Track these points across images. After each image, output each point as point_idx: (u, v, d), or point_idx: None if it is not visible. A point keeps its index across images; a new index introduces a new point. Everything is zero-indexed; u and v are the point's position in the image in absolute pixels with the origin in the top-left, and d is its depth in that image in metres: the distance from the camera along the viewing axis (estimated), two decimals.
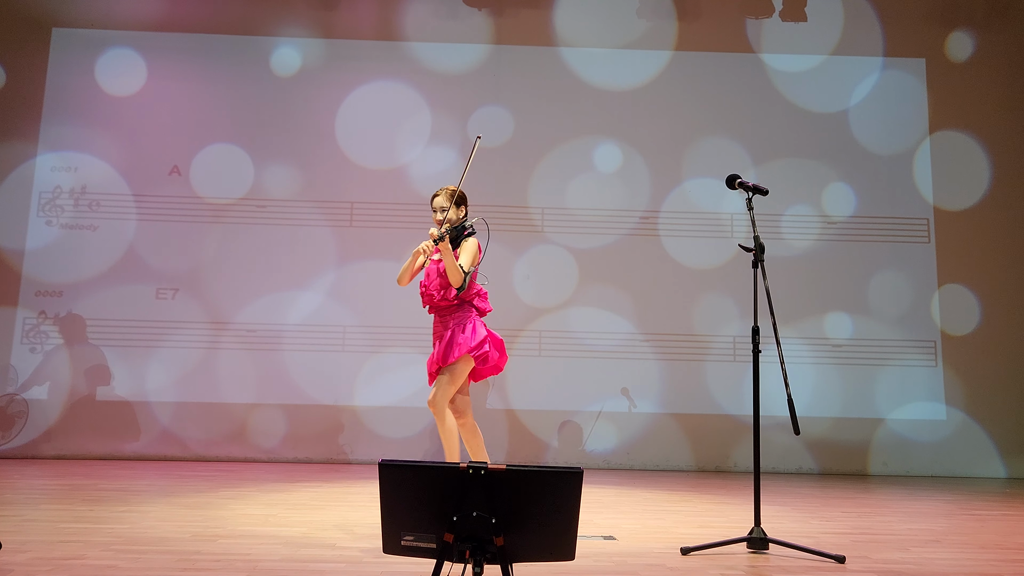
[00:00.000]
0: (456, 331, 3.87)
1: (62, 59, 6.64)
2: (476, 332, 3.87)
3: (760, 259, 3.18)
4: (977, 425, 6.41)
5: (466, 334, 3.86)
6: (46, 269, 6.36)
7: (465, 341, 3.83)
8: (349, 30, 6.78)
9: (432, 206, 3.97)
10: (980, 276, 6.61)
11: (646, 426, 6.37)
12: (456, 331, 3.87)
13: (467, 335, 3.85)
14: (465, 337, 3.85)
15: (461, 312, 3.91)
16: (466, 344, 3.82)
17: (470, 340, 3.83)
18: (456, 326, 3.88)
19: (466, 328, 3.87)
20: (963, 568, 2.92)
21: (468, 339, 3.83)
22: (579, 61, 6.81)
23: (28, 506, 3.83)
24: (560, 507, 1.93)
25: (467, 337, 3.84)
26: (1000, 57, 6.89)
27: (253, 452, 6.20)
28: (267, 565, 2.70)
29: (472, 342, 3.83)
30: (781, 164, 6.71)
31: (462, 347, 3.82)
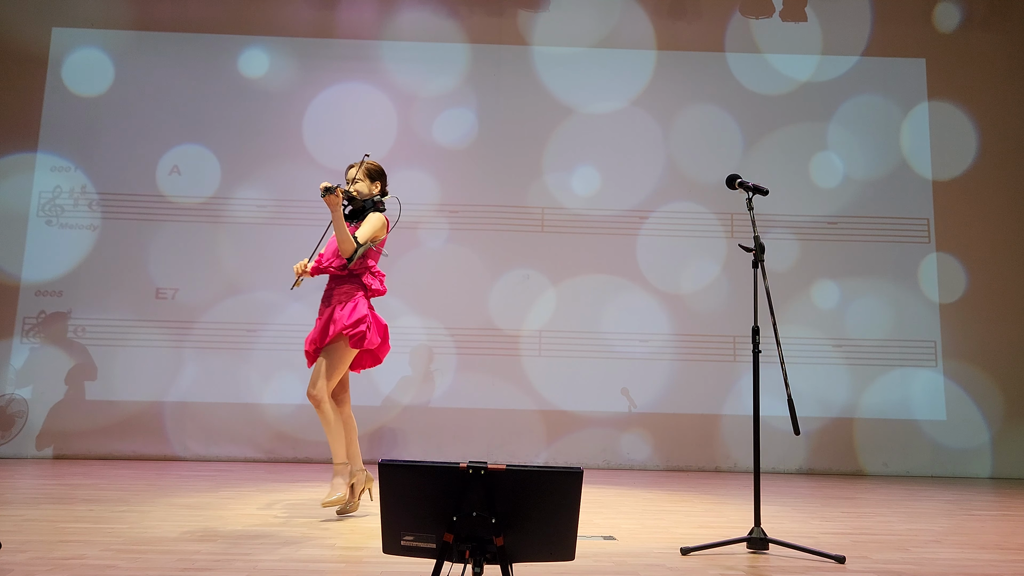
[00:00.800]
0: (336, 308, 3.61)
1: (62, 59, 6.64)
2: (356, 310, 3.60)
3: (760, 259, 3.18)
4: (977, 425, 6.41)
5: (344, 311, 3.59)
6: (46, 269, 6.36)
7: (340, 319, 3.57)
8: (350, 30, 6.78)
9: (346, 175, 3.80)
10: (981, 276, 6.61)
11: (646, 426, 6.37)
12: (336, 308, 3.61)
13: (345, 312, 3.58)
14: (342, 314, 3.58)
15: (349, 286, 3.66)
16: (341, 322, 3.56)
17: (346, 319, 3.56)
18: (338, 303, 3.62)
19: (346, 305, 3.61)
20: (963, 568, 2.92)
21: (344, 317, 3.57)
22: (579, 61, 6.80)
23: (28, 506, 3.83)
24: (560, 507, 1.93)
25: (344, 314, 3.58)
26: (1001, 57, 6.89)
27: (253, 452, 6.21)
28: (267, 565, 2.70)
29: (348, 320, 3.56)
30: (781, 164, 6.71)
31: (338, 324, 3.56)
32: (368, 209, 3.74)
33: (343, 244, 3.57)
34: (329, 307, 3.65)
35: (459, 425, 6.30)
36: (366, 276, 3.69)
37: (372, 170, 3.80)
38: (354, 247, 3.58)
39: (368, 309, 3.65)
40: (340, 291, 3.65)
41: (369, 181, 3.78)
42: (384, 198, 3.82)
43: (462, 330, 6.42)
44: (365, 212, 3.74)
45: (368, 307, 3.66)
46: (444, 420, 6.31)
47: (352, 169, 3.80)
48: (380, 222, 3.71)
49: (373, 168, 3.80)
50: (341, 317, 3.57)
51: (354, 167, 3.80)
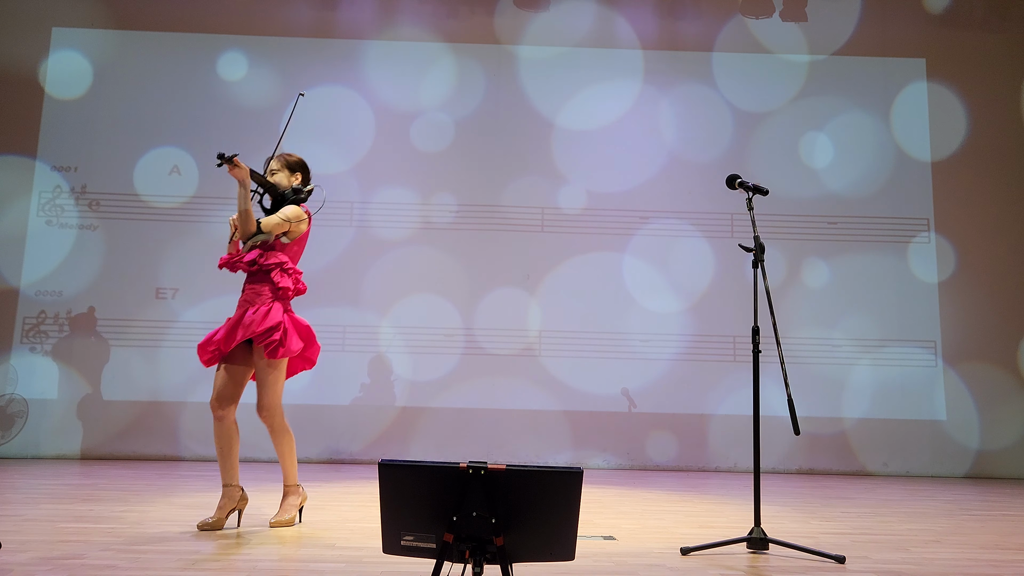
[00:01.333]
0: (248, 310, 3.31)
1: (62, 59, 6.64)
2: (268, 316, 3.28)
3: (760, 259, 3.18)
4: (977, 425, 6.41)
5: (256, 316, 3.27)
6: (46, 269, 6.36)
7: (251, 324, 3.25)
8: (349, 30, 6.78)
9: (266, 167, 3.55)
10: (980, 276, 6.61)
11: (646, 426, 6.37)
12: (248, 310, 3.31)
13: (256, 317, 3.26)
14: (253, 319, 3.26)
15: (260, 285, 3.35)
16: (251, 328, 3.24)
17: (257, 325, 3.24)
18: (250, 304, 3.32)
19: (259, 309, 3.29)
20: (963, 568, 2.92)
21: (255, 322, 3.25)
22: (579, 61, 6.81)
23: (28, 506, 3.83)
24: (560, 507, 1.93)
25: (255, 319, 3.26)
26: (1001, 57, 6.89)
27: (253, 452, 6.20)
28: (267, 565, 2.70)
29: (259, 327, 3.24)
30: (781, 164, 6.71)
31: (246, 330, 3.24)
32: (288, 201, 3.46)
33: (244, 226, 3.30)
34: (241, 308, 3.36)
35: (459, 425, 6.30)
36: (275, 273, 3.36)
37: (292, 162, 3.56)
38: (253, 229, 3.30)
39: (283, 313, 3.34)
40: (254, 291, 3.35)
41: (288, 172, 3.53)
42: (307, 188, 3.55)
43: (462, 330, 6.42)
44: (284, 204, 3.46)
45: (283, 310, 3.35)
46: (444, 420, 6.31)
47: (273, 160, 3.55)
48: (294, 214, 3.40)
49: (294, 160, 3.57)
50: (252, 322, 3.26)
51: (277, 157, 3.55)
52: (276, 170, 3.51)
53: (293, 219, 3.41)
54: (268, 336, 3.27)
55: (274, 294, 3.36)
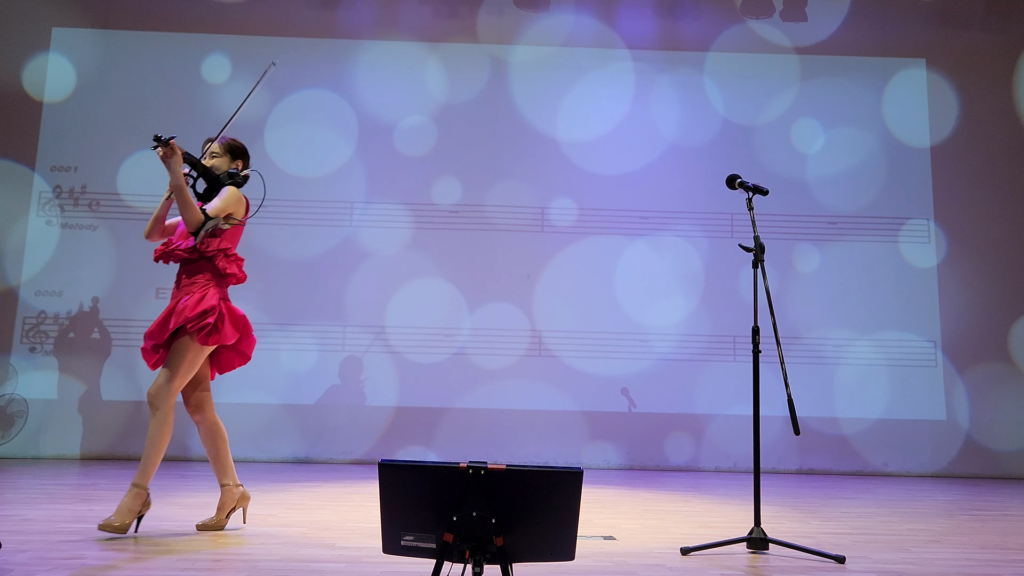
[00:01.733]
0: (182, 297, 3.10)
1: (62, 59, 6.64)
2: (203, 300, 3.09)
3: (760, 259, 3.18)
4: (977, 425, 6.41)
5: (189, 301, 3.08)
6: (46, 269, 6.36)
7: (183, 310, 3.05)
8: (349, 30, 6.78)
9: (204, 150, 3.34)
10: (980, 276, 6.61)
11: (646, 426, 6.37)
12: (182, 297, 3.10)
13: (190, 302, 3.07)
14: (186, 304, 3.07)
15: (198, 271, 3.16)
16: (183, 314, 3.04)
17: (190, 310, 3.05)
18: (186, 292, 3.12)
19: (193, 295, 3.10)
20: (963, 568, 2.92)
21: (188, 307, 3.06)
22: (579, 61, 6.81)
23: (28, 506, 3.83)
24: (560, 507, 1.93)
25: (188, 304, 3.07)
26: (1001, 56, 6.89)
27: (253, 452, 6.20)
28: (267, 565, 2.70)
29: (192, 312, 3.04)
30: (781, 164, 6.71)
31: (178, 317, 3.04)
32: (224, 184, 3.25)
33: (187, 214, 3.06)
34: (177, 297, 3.14)
35: (459, 425, 6.30)
36: (220, 259, 3.17)
37: (234, 147, 3.36)
38: (200, 219, 3.09)
39: (219, 299, 3.14)
40: (190, 278, 3.15)
41: (230, 158, 3.33)
42: (244, 172, 3.34)
43: (462, 330, 6.42)
44: (220, 189, 3.25)
45: (220, 297, 3.15)
46: (444, 420, 6.31)
47: (212, 142, 3.34)
48: (235, 197, 3.22)
49: (237, 146, 3.37)
50: (185, 307, 3.05)
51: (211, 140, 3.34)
52: (217, 154, 3.32)
53: (233, 202, 3.22)
54: (201, 320, 3.06)
55: (215, 280, 3.17)
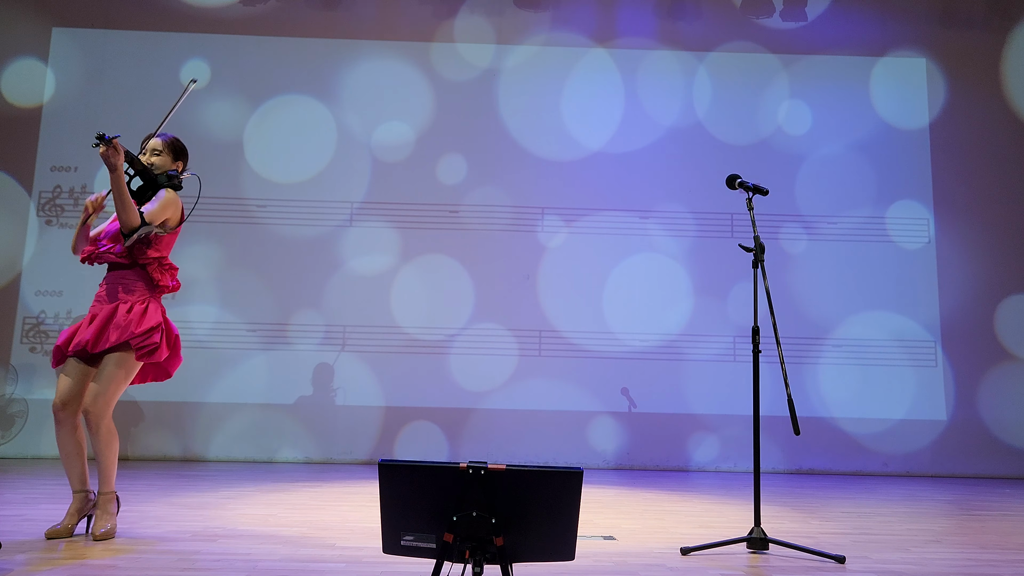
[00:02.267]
0: (121, 307, 3.01)
1: (62, 59, 6.64)
2: (148, 316, 3.02)
3: (760, 259, 3.18)
4: (977, 425, 6.41)
5: (132, 315, 2.99)
6: (46, 269, 6.36)
7: (128, 324, 2.96)
8: (348, 30, 6.78)
9: (143, 147, 3.22)
10: (980, 276, 6.61)
11: (646, 426, 6.37)
12: (121, 307, 3.01)
13: (133, 316, 2.99)
14: (129, 318, 2.97)
15: (133, 280, 3.07)
16: (128, 329, 2.95)
17: (135, 325, 2.97)
18: (122, 302, 3.02)
19: (134, 307, 3.02)
20: (963, 568, 2.92)
21: (133, 321, 2.97)
22: (579, 61, 6.81)
23: (28, 506, 3.83)
24: (560, 507, 1.93)
25: (131, 319, 2.98)
26: (1001, 56, 6.89)
27: (253, 452, 6.20)
28: (267, 565, 2.70)
29: (137, 327, 2.97)
30: (781, 164, 6.71)
31: (122, 331, 2.95)
32: (162, 186, 3.14)
33: (124, 214, 2.93)
34: (111, 304, 3.03)
35: (460, 425, 6.30)
36: (154, 269, 3.10)
37: (177, 147, 3.26)
38: (137, 222, 2.97)
39: (161, 314, 3.11)
40: (124, 286, 3.05)
41: (172, 157, 3.23)
42: (183, 174, 3.25)
43: (462, 330, 6.42)
44: (156, 189, 3.13)
45: (161, 311, 3.12)
46: (445, 420, 6.31)
47: (153, 139, 3.23)
48: (173, 200, 3.12)
49: (180, 146, 3.27)
50: (129, 321, 2.97)
51: (152, 137, 3.23)
52: (159, 151, 3.21)
53: (170, 206, 3.12)
54: (148, 337, 3.00)
55: (151, 291, 3.11)
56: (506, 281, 6.50)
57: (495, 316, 6.45)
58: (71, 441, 3.03)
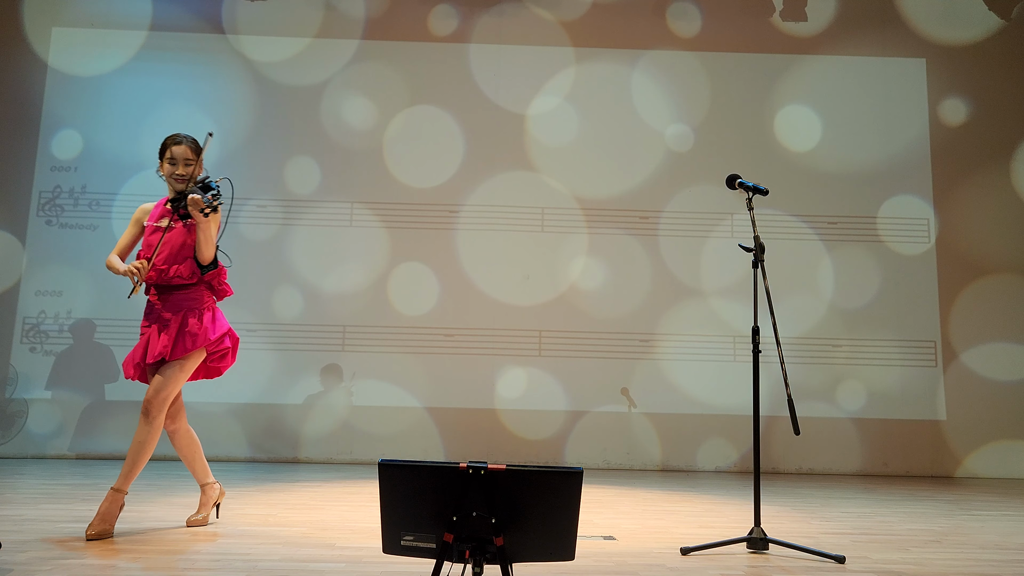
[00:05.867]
0: (189, 317, 3.18)
1: (62, 59, 6.64)
2: (218, 322, 3.24)
3: (760, 259, 3.18)
4: (977, 425, 6.40)
5: (204, 323, 3.19)
6: (46, 269, 6.36)
7: (204, 332, 3.17)
8: (347, 30, 6.78)
9: (172, 155, 3.23)
10: (980, 276, 6.61)
11: (646, 426, 6.37)
12: (189, 317, 3.18)
13: (205, 324, 3.19)
14: (203, 327, 3.18)
15: (195, 293, 3.23)
16: (204, 336, 3.17)
17: (210, 331, 3.19)
18: (189, 311, 3.18)
19: (203, 316, 3.20)
20: (963, 568, 2.92)
21: (208, 329, 3.18)
22: (580, 60, 6.80)
23: (28, 506, 3.83)
24: (560, 507, 1.93)
25: (206, 327, 3.18)
26: (1001, 57, 6.89)
27: (253, 452, 6.20)
28: (267, 565, 2.70)
29: (212, 333, 3.20)
30: (781, 164, 6.71)
31: (199, 338, 3.15)
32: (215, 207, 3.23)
33: (208, 250, 3.18)
34: (178, 315, 3.18)
35: (459, 425, 6.30)
36: (216, 282, 3.31)
37: (198, 148, 3.29)
38: (213, 254, 3.22)
39: (225, 320, 3.32)
40: (189, 300, 3.21)
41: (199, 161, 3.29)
42: (217, 181, 3.31)
43: (462, 330, 6.42)
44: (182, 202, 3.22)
45: (223, 316, 3.33)
46: (444, 420, 6.31)
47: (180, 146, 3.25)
48: (217, 215, 3.25)
49: (198, 145, 3.30)
50: (204, 330, 3.17)
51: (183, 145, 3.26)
52: (191, 160, 3.26)
53: (216, 220, 3.28)
54: (220, 343, 3.26)
55: (213, 299, 3.31)
56: (506, 281, 6.50)
57: (495, 316, 6.45)
58: (182, 444, 3.33)
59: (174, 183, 3.25)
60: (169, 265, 3.19)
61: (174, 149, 3.24)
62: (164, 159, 3.29)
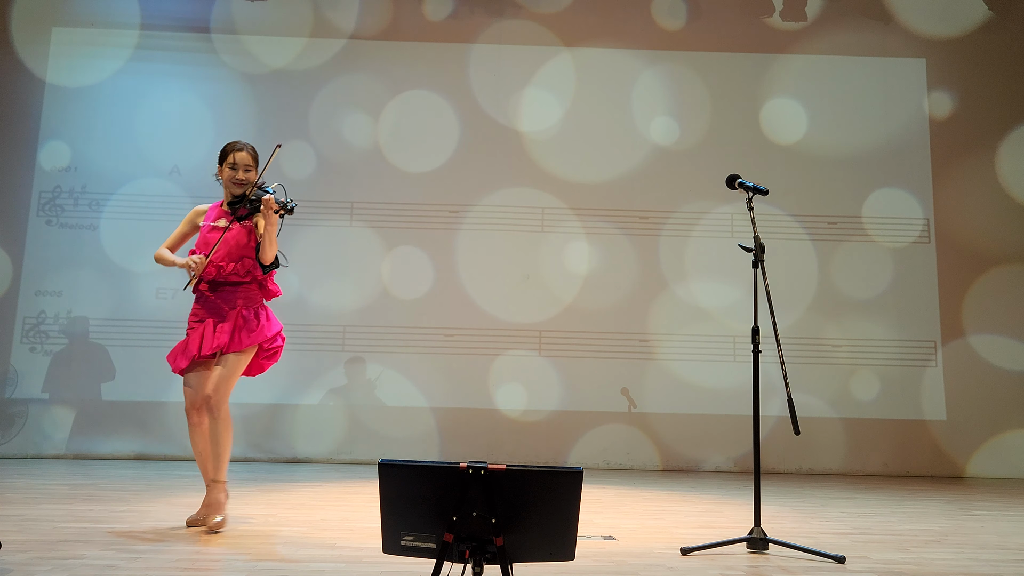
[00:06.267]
0: (248, 314, 3.35)
1: (62, 59, 6.64)
2: (272, 321, 3.42)
3: (760, 259, 3.18)
4: (977, 425, 6.40)
5: (261, 321, 3.37)
6: (46, 269, 6.36)
7: (261, 329, 3.34)
8: (347, 30, 6.78)
9: (234, 161, 3.39)
10: (980, 276, 6.61)
11: (646, 426, 6.37)
12: (248, 314, 3.35)
13: (262, 321, 3.37)
14: (260, 324, 3.35)
15: (249, 291, 3.38)
16: (262, 332, 3.34)
17: (267, 329, 3.37)
18: (245, 308, 3.35)
19: (259, 314, 3.38)
20: (963, 568, 2.92)
21: (264, 326, 3.36)
22: (579, 61, 6.80)
23: (28, 506, 3.83)
24: (560, 507, 1.93)
25: (263, 324, 3.36)
26: (1001, 57, 6.89)
27: (253, 452, 6.20)
28: (267, 565, 2.70)
29: (268, 331, 3.38)
30: (781, 164, 6.71)
31: (257, 334, 3.33)
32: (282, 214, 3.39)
33: (272, 252, 3.32)
34: (233, 310, 3.33)
35: (459, 425, 6.30)
36: (270, 281, 3.46)
37: (257, 155, 3.48)
38: (275, 254, 3.36)
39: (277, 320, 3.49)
40: (244, 298, 3.36)
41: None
42: (272, 187, 3.42)
43: (462, 330, 6.42)
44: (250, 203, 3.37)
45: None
46: (444, 420, 6.31)
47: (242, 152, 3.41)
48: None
49: (256, 153, 3.48)
50: (260, 327, 3.34)
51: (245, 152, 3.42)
52: (251, 167, 3.45)
53: None
54: (274, 341, 3.42)
55: (263, 298, 3.45)
56: (506, 281, 6.50)
57: (495, 316, 6.45)
58: (204, 439, 3.38)
59: (233, 187, 3.41)
60: (227, 263, 3.33)
61: (236, 155, 3.40)
62: (225, 164, 3.43)
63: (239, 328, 3.31)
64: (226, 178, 3.43)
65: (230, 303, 3.34)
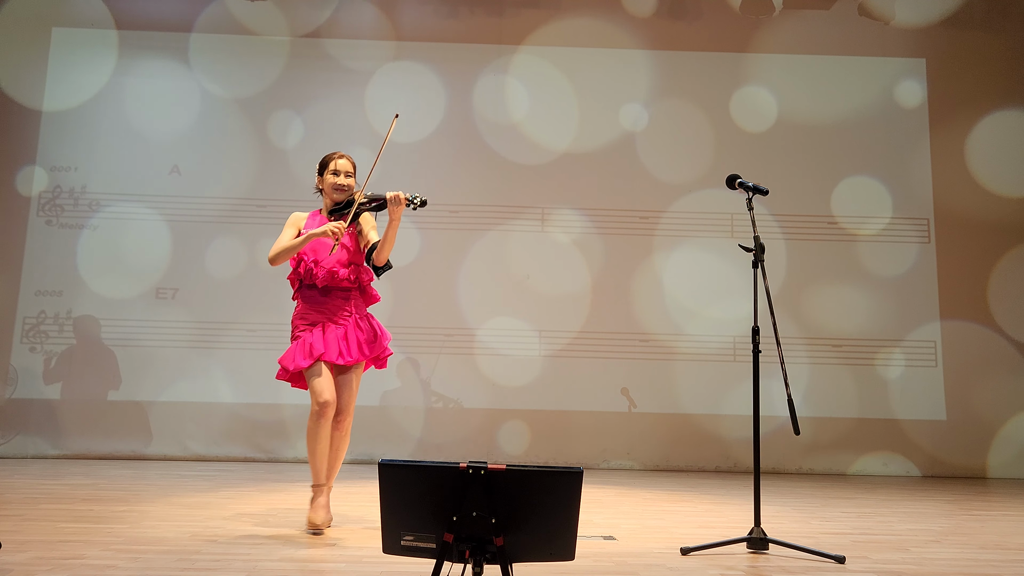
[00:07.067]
0: (373, 322, 3.45)
1: (62, 59, 6.64)
2: (383, 330, 3.47)
3: (760, 259, 3.18)
4: (977, 425, 6.40)
5: (377, 331, 3.44)
6: (46, 269, 6.36)
7: (380, 340, 3.42)
8: (347, 30, 6.78)
9: (335, 168, 3.51)
10: (980, 276, 6.61)
11: (646, 426, 6.37)
12: (373, 322, 3.45)
13: (379, 332, 3.44)
14: (379, 335, 3.43)
15: (357, 298, 3.45)
16: (380, 343, 3.42)
17: (383, 339, 3.44)
18: (360, 318, 3.42)
19: (373, 323, 3.45)
20: (963, 568, 2.92)
21: (382, 337, 3.43)
22: (579, 61, 6.80)
23: (28, 506, 3.83)
24: (560, 507, 1.93)
25: (380, 335, 3.43)
26: (1002, 57, 6.88)
27: (253, 452, 6.21)
28: (267, 565, 2.70)
29: (385, 341, 3.46)
30: (781, 164, 6.71)
31: (377, 345, 3.41)
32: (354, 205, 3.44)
33: (388, 250, 3.34)
34: (351, 317, 3.39)
35: (459, 425, 6.30)
36: (371, 288, 3.51)
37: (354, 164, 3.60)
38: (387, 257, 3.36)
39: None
40: (355, 304, 3.43)
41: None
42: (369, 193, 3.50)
43: (462, 330, 6.42)
44: (351, 208, 3.42)
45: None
46: (445, 420, 6.31)
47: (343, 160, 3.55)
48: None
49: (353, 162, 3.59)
50: (376, 337, 3.41)
51: (346, 159, 3.56)
52: (352, 174, 3.57)
53: None
54: (386, 350, 3.50)
55: (366, 303, 3.50)
56: (506, 281, 6.50)
57: (494, 316, 6.45)
58: (327, 440, 3.34)
59: (335, 193, 3.48)
60: (339, 268, 3.38)
61: (338, 162, 3.52)
62: (327, 172, 3.53)
63: (367, 341, 3.39)
64: (328, 185, 3.50)
65: (342, 309, 3.39)
